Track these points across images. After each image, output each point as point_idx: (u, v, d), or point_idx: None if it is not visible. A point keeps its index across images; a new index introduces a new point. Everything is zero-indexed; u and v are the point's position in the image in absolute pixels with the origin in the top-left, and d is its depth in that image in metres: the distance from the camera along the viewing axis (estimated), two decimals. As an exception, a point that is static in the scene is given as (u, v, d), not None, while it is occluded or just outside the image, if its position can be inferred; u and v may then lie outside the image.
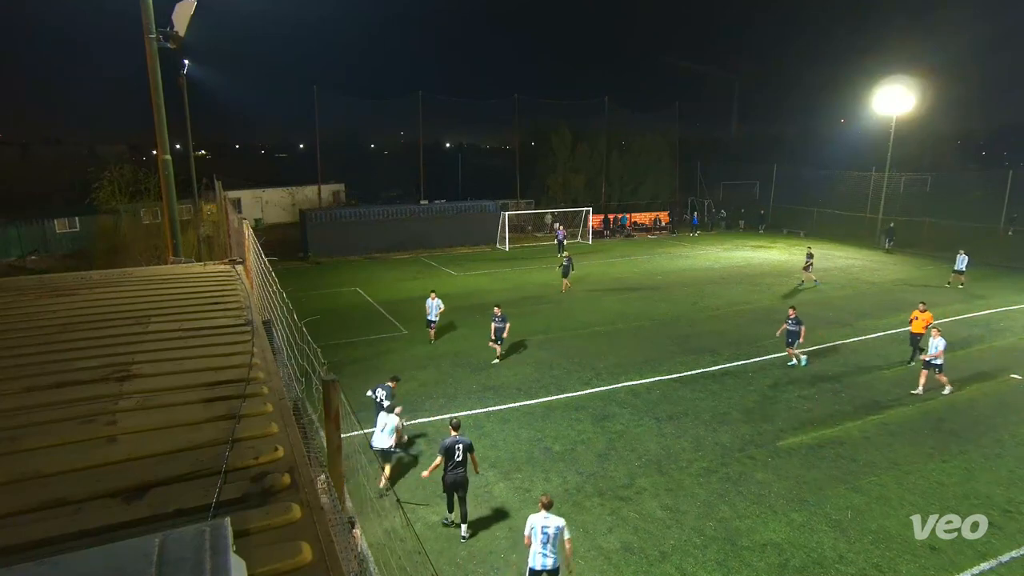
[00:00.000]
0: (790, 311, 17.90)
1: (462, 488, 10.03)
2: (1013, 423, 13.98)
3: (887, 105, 39.45)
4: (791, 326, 17.50)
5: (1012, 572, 9.14)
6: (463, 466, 10.00)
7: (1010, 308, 23.80)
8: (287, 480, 2.68)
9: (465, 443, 10.10)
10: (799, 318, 17.57)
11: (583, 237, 42.08)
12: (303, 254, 36.04)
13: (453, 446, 9.96)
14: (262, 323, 5.61)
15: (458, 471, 9.95)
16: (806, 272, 28.18)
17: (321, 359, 5.20)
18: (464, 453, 10.00)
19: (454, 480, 9.97)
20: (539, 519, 8.07)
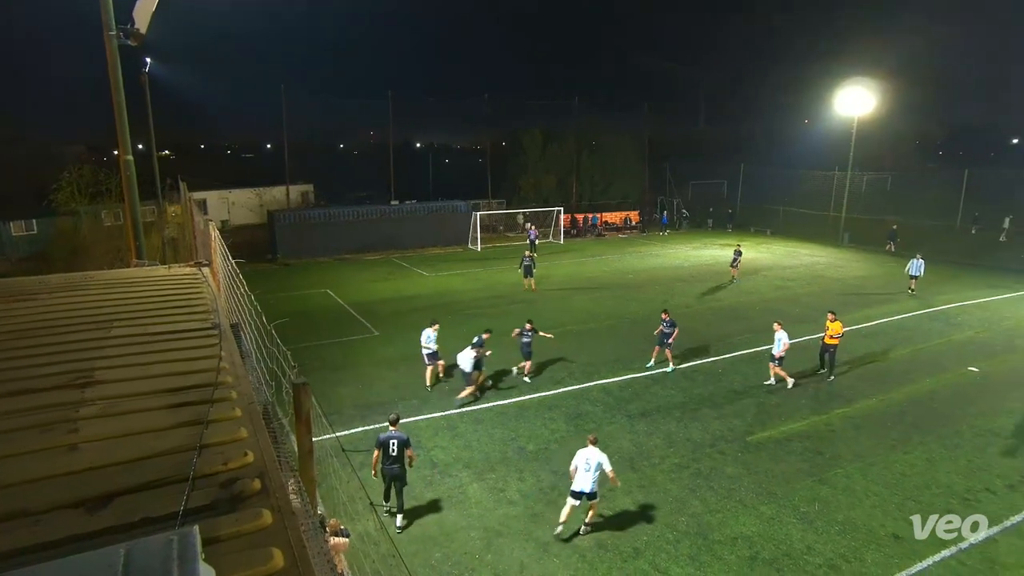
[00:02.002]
0: (663, 314, 17.44)
1: (399, 481, 10.34)
2: (971, 415, 14.45)
3: (849, 106, 40.44)
4: (666, 327, 17.11)
5: (971, 558, 9.45)
6: (398, 461, 10.25)
7: (967, 303, 24.59)
8: (257, 485, 2.63)
9: (400, 439, 10.29)
10: (673, 321, 17.19)
11: (555, 237, 42.25)
12: (271, 256, 35.49)
13: (388, 441, 10.22)
14: (230, 326, 5.51)
15: (393, 465, 10.23)
16: (733, 268, 28.93)
17: (291, 362, 5.13)
18: (399, 448, 10.23)
19: (390, 474, 10.30)
20: (585, 453, 9.89)
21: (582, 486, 9.84)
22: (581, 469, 9.87)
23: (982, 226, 39.62)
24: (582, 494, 9.90)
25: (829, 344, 16.53)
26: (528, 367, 16.57)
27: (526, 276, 27.11)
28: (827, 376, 16.56)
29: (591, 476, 9.79)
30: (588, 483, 9.81)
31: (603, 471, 9.91)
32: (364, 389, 16.07)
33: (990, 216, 39.78)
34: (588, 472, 9.81)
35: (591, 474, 9.79)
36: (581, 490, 9.86)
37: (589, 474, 9.80)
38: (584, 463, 9.88)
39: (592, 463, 9.84)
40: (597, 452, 9.93)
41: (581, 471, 9.85)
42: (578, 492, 9.88)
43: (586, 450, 9.99)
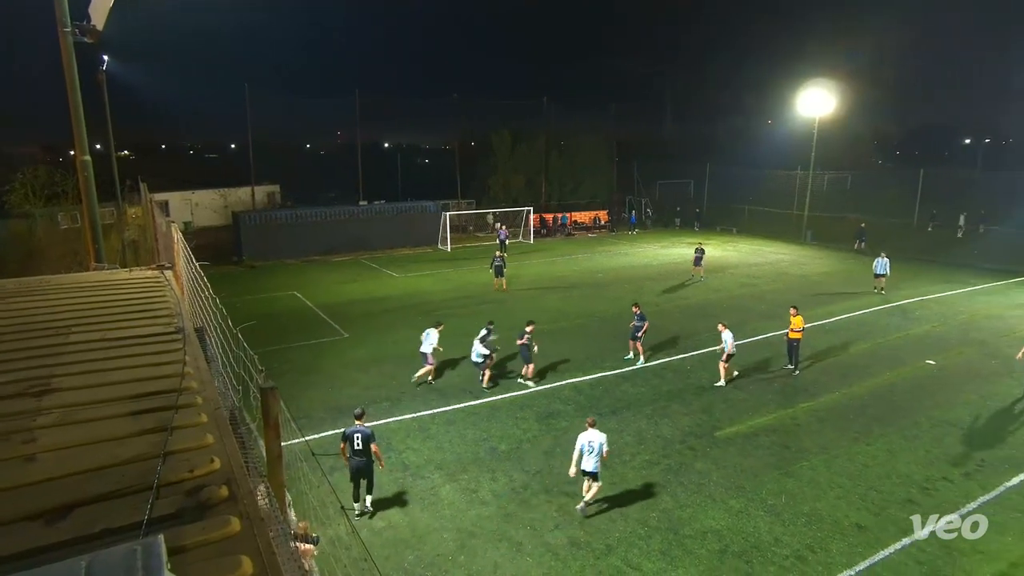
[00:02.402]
0: (634, 307, 18.07)
1: (365, 475, 10.57)
2: (928, 406, 14.93)
3: (810, 107, 41.40)
4: (636, 321, 17.63)
5: (929, 545, 9.76)
6: (363, 455, 10.44)
7: (924, 298, 25.39)
8: (225, 492, 2.58)
9: (364, 433, 10.45)
10: (643, 314, 17.69)
11: (524, 237, 42.34)
12: (237, 258, 34.82)
13: (352, 435, 10.44)
14: (194, 330, 5.39)
15: (358, 459, 10.44)
16: (697, 267, 29.29)
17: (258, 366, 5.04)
18: (364, 443, 10.41)
19: (356, 467, 10.49)
20: (587, 435, 10.52)
21: (588, 467, 10.49)
22: (585, 452, 10.49)
23: (938, 223, 40.97)
24: (588, 473, 10.55)
25: (792, 338, 16.92)
26: (530, 371, 16.37)
27: (497, 276, 27.17)
28: (793, 371, 16.93)
29: (595, 457, 10.45)
30: (591, 463, 10.48)
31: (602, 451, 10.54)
32: (334, 392, 15.89)
33: (945, 214, 41.20)
34: (592, 454, 10.45)
35: (595, 456, 10.44)
36: (585, 469, 10.52)
37: (593, 455, 10.45)
38: (587, 445, 10.49)
39: (595, 445, 10.46)
40: (597, 433, 10.56)
41: (585, 454, 10.49)
42: (587, 472, 10.54)
43: (587, 433, 10.60)
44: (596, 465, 10.54)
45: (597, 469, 10.58)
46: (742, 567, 9.28)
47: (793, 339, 16.91)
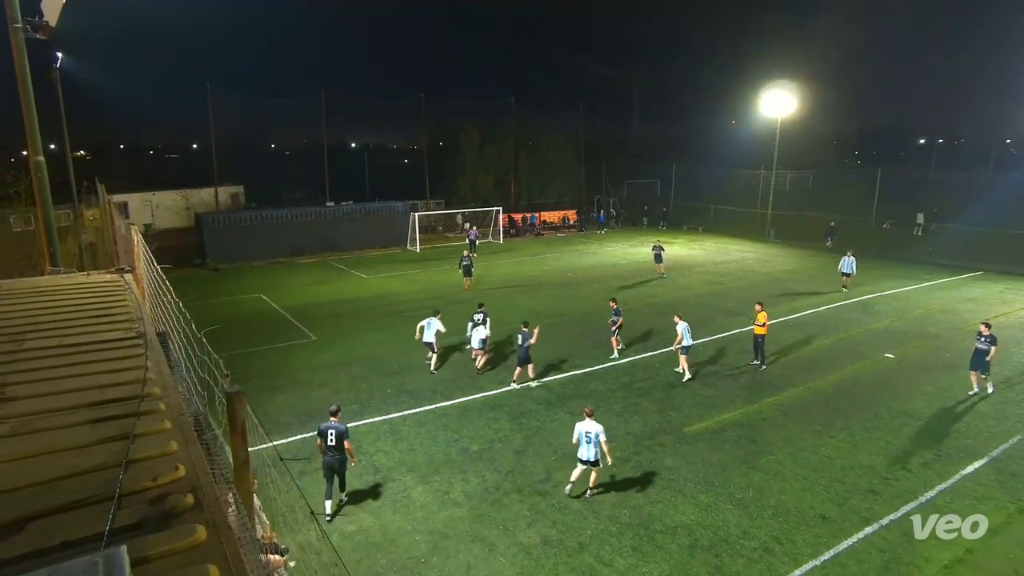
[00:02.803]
0: (611, 303, 18.67)
1: (338, 468, 10.67)
2: (888, 398, 15.38)
3: (772, 108, 42.27)
4: (613, 315, 18.25)
5: (891, 534, 10.05)
6: (337, 451, 10.53)
7: (883, 294, 26.15)
8: (190, 500, 2.52)
9: (338, 430, 10.54)
10: (619, 309, 18.32)
11: (494, 237, 42.33)
12: (200, 260, 34.06)
13: (327, 431, 10.55)
14: (156, 335, 5.26)
15: (332, 455, 10.53)
16: (659, 265, 29.90)
17: (224, 370, 4.94)
18: (337, 439, 10.51)
19: (329, 463, 10.59)
20: (584, 426, 10.90)
21: (585, 455, 10.90)
22: (583, 441, 10.89)
23: (895, 221, 42.24)
24: (587, 462, 10.93)
25: (757, 334, 17.26)
26: (530, 371, 16.29)
27: (465, 276, 27.14)
28: (759, 366, 17.26)
29: (592, 446, 10.82)
30: (590, 452, 10.85)
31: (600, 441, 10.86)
32: (302, 396, 15.66)
33: (902, 212, 42.50)
34: (589, 444, 10.84)
35: (592, 445, 10.82)
36: (586, 459, 10.92)
37: (591, 445, 10.83)
38: (584, 435, 10.89)
39: (592, 434, 10.84)
40: (594, 424, 10.89)
41: (583, 443, 10.89)
42: (584, 460, 10.94)
43: (584, 423, 10.98)
44: (595, 454, 10.86)
45: (597, 457, 10.89)
46: (711, 560, 9.43)
47: (758, 335, 17.26)
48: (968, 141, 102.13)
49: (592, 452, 10.86)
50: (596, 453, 10.88)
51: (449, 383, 16.41)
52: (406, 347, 19.39)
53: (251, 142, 63.51)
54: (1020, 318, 22.29)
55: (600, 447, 10.87)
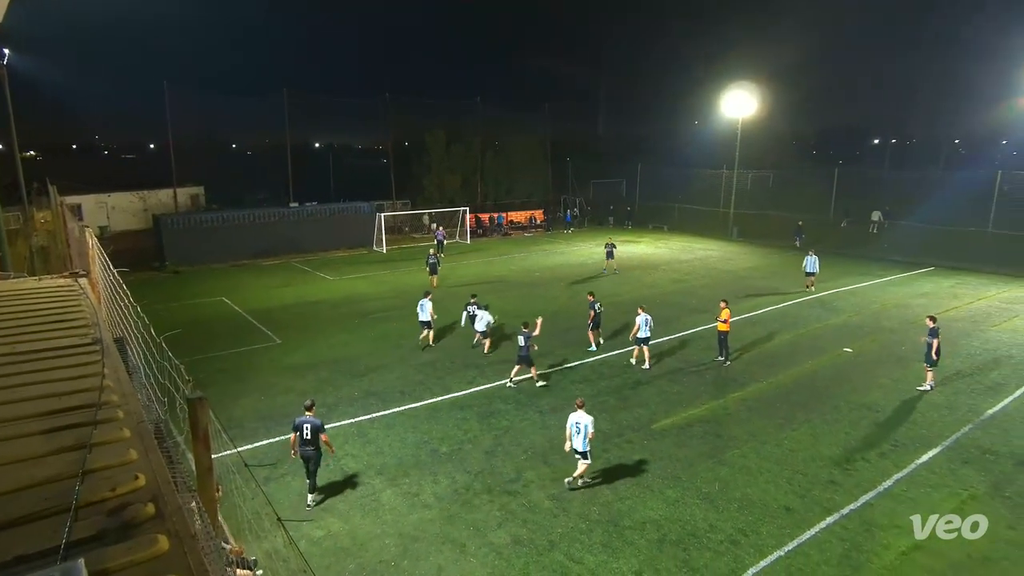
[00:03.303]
0: (589, 296, 19.51)
1: (312, 463, 10.90)
2: (847, 391, 15.83)
3: (733, 108, 43.09)
4: (596, 310, 18.98)
5: (851, 523, 10.35)
6: (311, 444, 10.77)
7: (841, 289, 26.90)
8: (151, 510, 2.46)
9: (313, 424, 10.78)
10: (594, 302, 19.08)
11: (461, 237, 42.23)
12: (159, 263, 33.17)
13: (302, 425, 10.79)
14: (113, 341, 5.11)
15: (306, 448, 10.78)
16: (609, 260, 30.91)
17: (185, 375, 4.83)
18: (313, 433, 10.74)
19: (305, 457, 10.86)
20: (575, 416, 11.18)
21: (578, 446, 11.21)
22: (573, 432, 11.18)
23: (852, 219, 43.51)
24: (578, 452, 11.28)
25: (721, 331, 17.56)
26: (533, 371, 16.30)
27: (432, 274, 27.25)
28: (723, 362, 17.58)
29: (582, 437, 11.10)
30: (578, 443, 11.17)
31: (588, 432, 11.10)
32: (267, 400, 15.39)
33: (858, 210, 43.79)
34: (579, 435, 11.12)
35: (582, 436, 11.09)
36: (575, 448, 11.26)
37: (580, 436, 11.11)
38: (575, 426, 11.16)
39: (582, 426, 11.08)
40: (584, 415, 11.14)
41: (574, 434, 11.18)
42: (577, 451, 11.26)
43: (575, 414, 11.24)
44: (584, 444, 11.12)
45: (586, 448, 11.15)
46: (680, 554, 9.57)
47: (721, 332, 17.57)
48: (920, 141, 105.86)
49: (581, 443, 11.13)
50: (586, 444, 11.12)
51: (417, 384, 16.32)
52: (373, 349, 19.22)
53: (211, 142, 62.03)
54: (970, 312, 23.18)
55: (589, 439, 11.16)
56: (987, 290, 26.84)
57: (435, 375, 16.96)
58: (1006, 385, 16.14)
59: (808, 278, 26.65)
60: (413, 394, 15.70)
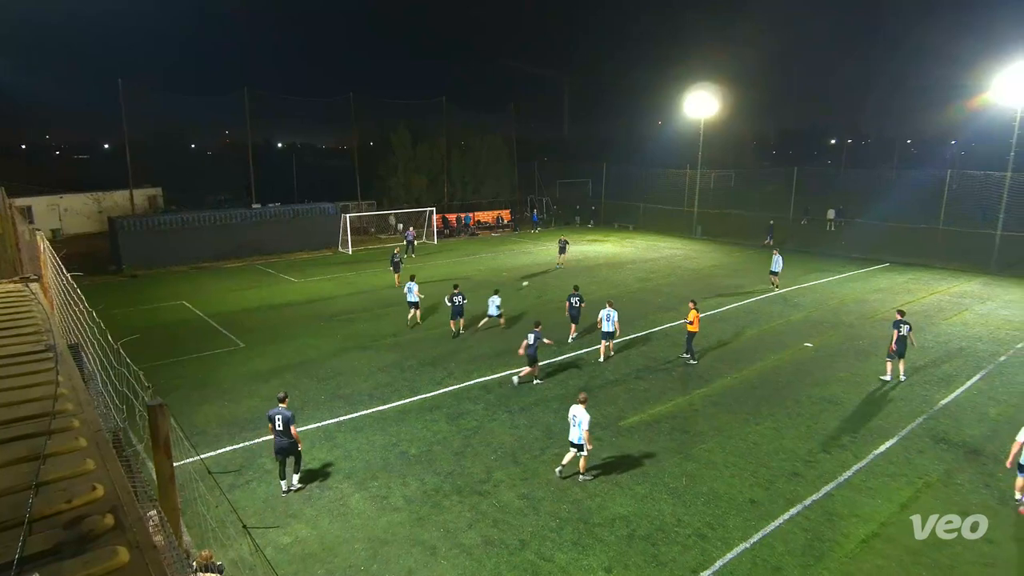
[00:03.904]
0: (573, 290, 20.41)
1: (289, 453, 11.13)
2: (808, 385, 16.24)
3: (696, 109, 43.80)
4: (576, 303, 19.77)
5: (813, 513, 10.62)
6: (284, 435, 10.95)
7: (802, 286, 27.57)
8: (110, 521, 2.38)
9: (284, 415, 10.97)
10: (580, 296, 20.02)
11: (428, 237, 42.01)
12: (115, 267, 32.18)
13: (274, 416, 11.02)
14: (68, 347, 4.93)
15: (281, 439, 10.98)
16: (562, 255, 32.55)
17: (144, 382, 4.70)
18: (284, 424, 10.92)
19: (279, 447, 11.04)
20: (573, 409, 11.50)
21: (573, 439, 11.51)
22: (571, 424, 11.48)
23: (811, 217, 44.67)
24: (573, 444, 11.55)
25: (689, 331, 17.75)
26: (534, 371, 16.44)
27: (395, 272, 27.75)
28: (688, 359, 17.82)
29: (578, 430, 11.34)
30: (574, 435, 11.45)
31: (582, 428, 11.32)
32: (231, 406, 15.07)
33: (817, 209, 44.99)
34: (575, 427, 11.39)
35: (577, 428, 11.34)
36: (572, 440, 11.55)
37: (576, 428, 11.37)
38: (572, 419, 11.48)
39: (577, 419, 11.34)
40: (582, 410, 11.37)
41: (571, 426, 11.49)
42: (573, 443, 11.55)
43: (575, 407, 11.53)
44: (579, 438, 11.37)
45: (581, 441, 11.38)
46: (649, 549, 9.69)
47: (690, 332, 17.76)
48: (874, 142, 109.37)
49: (579, 436, 11.37)
50: (580, 437, 11.34)
51: (385, 386, 16.18)
52: (340, 351, 18.99)
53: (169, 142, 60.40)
54: (923, 306, 24.00)
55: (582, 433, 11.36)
56: (939, 285, 27.84)
57: (403, 377, 16.84)
58: (957, 376, 16.76)
59: (772, 277, 27.12)
60: (381, 396, 15.55)
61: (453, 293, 20.53)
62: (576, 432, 11.41)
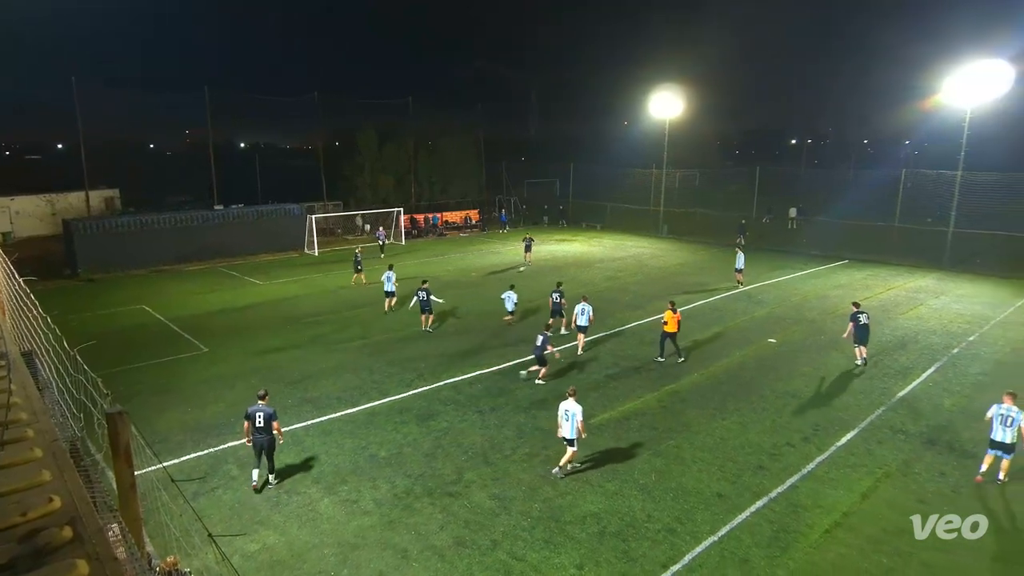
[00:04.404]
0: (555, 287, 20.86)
1: (266, 449, 11.22)
2: (772, 380, 16.59)
3: (661, 109, 44.36)
4: (556, 299, 20.27)
5: (778, 505, 10.86)
6: (264, 432, 11.09)
7: (766, 283, 28.16)
8: (68, 534, 2.31)
9: (266, 412, 11.11)
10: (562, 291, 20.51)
11: (396, 238, 41.70)
12: (71, 271, 31.17)
13: (254, 414, 11.11)
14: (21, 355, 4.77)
15: (260, 436, 11.09)
16: (528, 254, 33.11)
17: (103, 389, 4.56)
18: (266, 420, 11.08)
19: (258, 443, 11.13)
20: (565, 404, 11.58)
21: (565, 434, 11.61)
22: (563, 419, 11.57)
23: (773, 216, 45.67)
24: (566, 439, 11.64)
25: (665, 331, 17.78)
26: (543, 372, 16.47)
27: (357, 272, 28.04)
28: (659, 358, 17.93)
29: (570, 424, 11.46)
30: (568, 431, 11.54)
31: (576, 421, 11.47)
32: (195, 411, 14.73)
33: (779, 207, 46.00)
34: (568, 422, 11.49)
35: (570, 423, 11.46)
36: (564, 436, 11.64)
37: (569, 423, 11.48)
38: (564, 414, 11.55)
39: (570, 414, 11.45)
40: (573, 403, 11.51)
41: (563, 421, 11.57)
42: (566, 438, 11.63)
43: (566, 402, 11.63)
44: (572, 432, 11.48)
45: (574, 436, 11.50)
46: (619, 545, 9.78)
47: (666, 332, 17.81)
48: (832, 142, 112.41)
49: (570, 431, 11.48)
50: (573, 432, 11.46)
51: (354, 389, 16.01)
52: (307, 354, 18.73)
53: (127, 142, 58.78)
54: (881, 301, 24.73)
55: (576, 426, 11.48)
56: (895, 281, 28.73)
57: (372, 379, 16.68)
58: (914, 369, 17.32)
59: (737, 274, 27.64)
60: (350, 399, 15.38)
61: (420, 288, 20.83)
62: (568, 427, 11.51)
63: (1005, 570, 9.27)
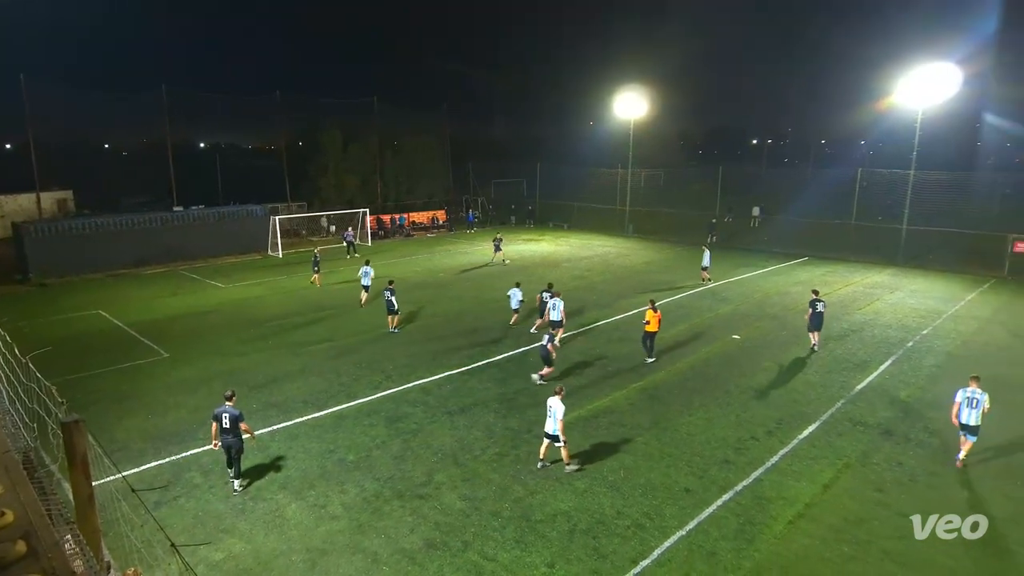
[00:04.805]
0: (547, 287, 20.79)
1: (234, 450, 11.20)
2: (736, 375, 16.92)
3: (625, 110, 44.84)
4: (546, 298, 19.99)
5: (744, 498, 11.08)
6: (231, 433, 11.08)
7: (729, 280, 28.69)
8: (21, 548, 2.23)
9: (232, 414, 11.09)
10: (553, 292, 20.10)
11: (362, 239, 41.28)
12: (22, 276, 30.06)
13: (221, 415, 11.09)
14: (-31, 364, 4.58)
15: (227, 436, 11.10)
16: (498, 253, 33.41)
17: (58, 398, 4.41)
18: (232, 421, 11.05)
19: (226, 444, 11.16)
20: (550, 400, 11.85)
21: (548, 429, 11.93)
22: (548, 415, 11.87)
23: (735, 214, 46.59)
24: (549, 435, 11.93)
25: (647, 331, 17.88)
26: (546, 372, 16.48)
27: (315, 272, 28.04)
28: (649, 359, 17.92)
29: (552, 422, 11.75)
30: (551, 427, 11.82)
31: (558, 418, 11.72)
32: (156, 419, 14.35)
33: (741, 206, 46.94)
34: (551, 418, 11.79)
35: (552, 420, 11.75)
36: (547, 431, 11.96)
37: (551, 420, 11.77)
38: (548, 410, 11.86)
39: (553, 410, 11.75)
40: (557, 401, 11.77)
41: (547, 417, 11.89)
42: (548, 434, 11.94)
43: (551, 399, 11.90)
44: (554, 429, 11.75)
45: (557, 432, 11.74)
46: (590, 543, 9.86)
47: (647, 331, 17.94)
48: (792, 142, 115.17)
49: (553, 427, 11.74)
50: (556, 428, 11.69)
51: (321, 392, 15.79)
52: (272, 358, 18.42)
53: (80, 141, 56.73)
54: (840, 297, 25.43)
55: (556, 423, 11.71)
56: (853, 277, 29.58)
57: (339, 382, 16.48)
58: (871, 362, 17.86)
59: (703, 272, 28.15)
60: (316, 403, 15.17)
61: (386, 288, 20.80)
62: (551, 423, 11.76)
63: (963, 554, 9.62)
